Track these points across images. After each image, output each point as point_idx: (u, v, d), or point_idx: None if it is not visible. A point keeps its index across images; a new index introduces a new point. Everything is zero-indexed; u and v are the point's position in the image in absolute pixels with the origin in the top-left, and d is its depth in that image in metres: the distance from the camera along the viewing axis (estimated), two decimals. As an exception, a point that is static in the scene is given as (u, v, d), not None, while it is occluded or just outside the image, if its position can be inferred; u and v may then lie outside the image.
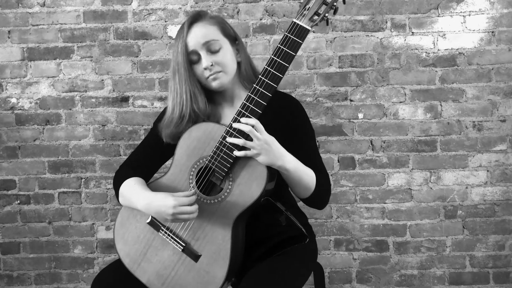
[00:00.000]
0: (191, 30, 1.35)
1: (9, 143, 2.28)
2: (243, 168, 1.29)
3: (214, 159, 1.29)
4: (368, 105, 2.21)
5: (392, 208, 2.24)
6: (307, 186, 1.34)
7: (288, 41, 1.21)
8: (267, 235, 1.43)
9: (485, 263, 2.24)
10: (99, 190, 2.28)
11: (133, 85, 2.24)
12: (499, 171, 2.20)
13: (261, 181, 1.28)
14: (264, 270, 1.33)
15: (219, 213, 1.32)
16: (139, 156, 1.51)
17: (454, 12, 2.16)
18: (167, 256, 1.35)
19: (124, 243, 1.40)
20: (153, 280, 1.36)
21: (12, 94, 2.26)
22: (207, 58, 1.34)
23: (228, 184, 1.31)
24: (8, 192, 2.30)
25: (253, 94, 1.24)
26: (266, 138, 1.23)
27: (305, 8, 1.18)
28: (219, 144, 1.28)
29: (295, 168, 1.29)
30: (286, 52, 1.21)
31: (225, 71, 1.36)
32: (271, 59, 1.22)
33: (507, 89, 2.17)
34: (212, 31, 1.36)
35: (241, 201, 1.29)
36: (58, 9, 2.22)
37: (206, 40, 1.34)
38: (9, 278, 2.33)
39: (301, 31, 1.20)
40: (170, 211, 1.26)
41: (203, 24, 1.36)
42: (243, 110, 1.25)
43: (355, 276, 2.27)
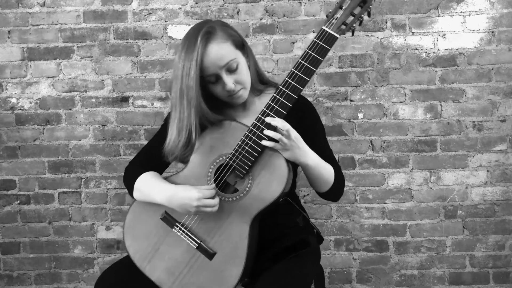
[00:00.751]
0: (207, 52, 1.28)
1: (9, 143, 2.28)
2: (264, 167, 1.30)
3: (236, 157, 1.30)
4: (368, 105, 2.21)
5: (392, 208, 2.24)
6: (327, 180, 1.37)
7: (316, 47, 1.25)
8: (283, 235, 1.44)
9: (485, 263, 2.24)
10: (99, 190, 2.28)
11: (133, 85, 2.24)
12: (499, 171, 2.20)
13: (282, 181, 1.29)
14: (280, 272, 1.32)
15: (237, 211, 1.31)
16: (149, 153, 1.50)
17: (454, 12, 2.16)
18: (180, 254, 1.34)
19: (134, 239, 1.38)
20: (163, 277, 1.34)
21: (12, 94, 2.26)
22: (228, 79, 1.32)
23: (247, 183, 1.31)
24: (8, 192, 2.30)
25: (278, 95, 1.27)
26: (295, 135, 1.26)
27: (333, 17, 1.25)
28: (241, 142, 1.29)
29: (316, 164, 1.33)
30: (314, 57, 1.25)
31: (245, 86, 1.36)
32: (299, 63, 1.26)
33: (507, 89, 2.17)
34: (227, 50, 1.31)
35: (260, 200, 1.30)
36: (58, 9, 2.22)
37: (225, 63, 1.30)
38: (9, 278, 2.33)
39: (330, 38, 1.25)
40: (195, 203, 1.27)
41: (218, 43, 1.29)
42: (268, 110, 1.28)
43: (355, 276, 2.27)
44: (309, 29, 2.18)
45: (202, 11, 2.19)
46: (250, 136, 1.29)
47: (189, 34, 1.33)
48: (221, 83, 1.33)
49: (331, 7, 2.16)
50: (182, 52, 1.30)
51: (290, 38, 2.18)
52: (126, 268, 1.39)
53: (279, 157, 1.30)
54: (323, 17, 2.17)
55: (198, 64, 1.27)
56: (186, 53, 1.29)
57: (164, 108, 2.24)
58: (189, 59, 1.27)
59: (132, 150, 2.26)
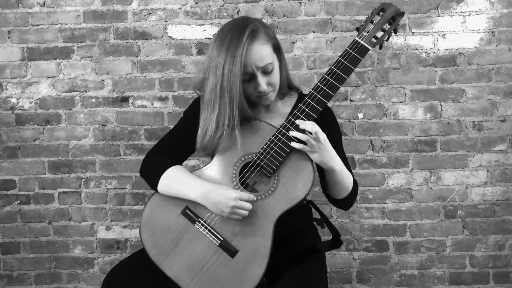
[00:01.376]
0: (250, 51, 1.29)
1: (9, 143, 2.28)
2: (290, 168, 1.32)
3: (264, 156, 1.32)
4: (368, 105, 2.21)
5: (392, 208, 2.24)
6: (346, 187, 1.39)
7: (349, 56, 1.31)
8: (303, 237, 1.46)
9: (485, 263, 2.24)
10: (99, 190, 2.28)
11: (133, 85, 2.24)
12: (499, 171, 2.20)
13: (307, 183, 1.31)
14: (301, 276, 1.33)
15: (262, 210, 1.31)
16: (170, 144, 1.49)
17: (454, 12, 2.16)
18: (201, 250, 1.32)
19: (151, 233, 1.36)
20: (181, 273, 1.32)
21: (12, 94, 2.26)
22: (262, 80, 1.33)
23: (273, 182, 1.32)
24: (8, 192, 2.30)
25: (310, 99, 1.31)
26: (324, 138, 1.29)
27: (365, 30, 1.33)
28: (270, 142, 1.32)
29: (341, 169, 1.35)
30: (346, 65, 1.31)
31: (275, 89, 1.39)
32: (331, 70, 1.31)
33: (507, 89, 2.17)
34: (268, 53, 1.32)
35: (286, 200, 1.31)
36: (58, 9, 2.22)
37: (264, 64, 1.32)
38: (9, 278, 2.33)
39: (362, 49, 1.32)
40: (231, 203, 1.27)
41: (261, 44, 1.31)
42: (298, 112, 1.31)
43: (355, 276, 2.27)
44: (309, 29, 2.18)
45: (202, 11, 2.19)
46: (279, 137, 1.32)
47: (232, 29, 1.32)
48: (254, 83, 1.34)
49: (331, 7, 2.17)
50: (223, 46, 1.29)
51: (290, 38, 2.18)
52: (136, 265, 1.38)
53: (306, 159, 1.32)
54: (323, 17, 2.17)
55: (243, 62, 1.27)
56: (230, 48, 1.28)
57: (164, 108, 2.24)
58: (233, 55, 1.27)
59: (132, 150, 2.26)
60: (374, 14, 1.32)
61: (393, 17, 1.32)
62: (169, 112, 2.24)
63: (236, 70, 1.27)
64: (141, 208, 2.28)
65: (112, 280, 1.36)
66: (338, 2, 2.16)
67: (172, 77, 2.23)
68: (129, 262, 1.41)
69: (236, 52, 1.27)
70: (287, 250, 1.40)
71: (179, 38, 2.21)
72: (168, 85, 2.23)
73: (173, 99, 2.24)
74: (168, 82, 2.23)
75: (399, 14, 1.32)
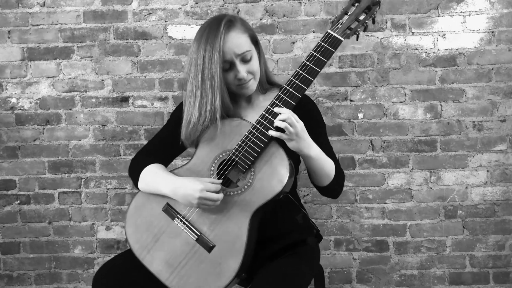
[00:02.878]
0: (227, 38, 1.35)
1: (9, 143, 2.28)
2: (266, 162, 1.33)
3: (239, 152, 1.34)
4: (368, 105, 2.21)
5: (392, 208, 2.24)
6: (328, 174, 1.40)
7: (321, 49, 1.31)
8: (282, 232, 1.46)
9: (485, 263, 2.24)
10: (99, 190, 2.28)
11: (133, 85, 2.24)
12: (499, 171, 2.20)
13: (283, 177, 1.31)
14: (277, 269, 1.33)
15: (238, 205, 1.33)
16: (156, 145, 1.54)
17: (454, 12, 2.16)
18: (180, 245, 1.35)
19: (135, 229, 1.40)
20: (162, 268, 1.35)
21: (12, 94, 2.26)
22: (242, 68, 1.38)
23: (249, 178, 1.33)
24: (8, 192, 2.30)
25: (283, 93, 1.32)
26: (301, 125, 1.30)
27: (338, 22, 1.31)
28: (244, 137, 1.33)
29: (319, 156, 1.36)
30: (319, 58, 1.31)
31: (255, 78, 1.43)
32: (304, 64, 1.32)
33: (507, 89, 2.17)
34: (245, 41, 1.38)
35: (261, 195, 1.32)
36: (58, 9, 2.22)
37: (242, 51, 1.37)
38: (9, 278, 2.33)
39: (334, 40, 1.30)
40: (197, 194, 1.29)
41: (237, 33, 1.38)
42: (272, 107, 1.32)
43: (355, 276, 2.27)
44: (309, 29, 2.18)
45: (202, 11, 2.19)
46: (254, 132, 1.33)
47: (209, 23, 1.39)
48: (234, 71, 1.38)
49: (331, 7, 2.17)
50: (203, 39, 1.36)
51: (290, 38, 2.18)
52: (123, 263, 1.40)
53: (281, 154, 1.33)
54: (323, 17, 2.17)
55: (221, 49, 1.33)
56: (208, 39, 1.35)
57: (164, 108, 2.24)
58: (211, 44, 1.34)
59: (132, 150, 2.26)
60: (349, 5, 1.31)
61: (368, 7, 1.30)
62: (169, 112, 2.24)
63: (216, 57, 1.33)
64: (141, 208, 2.28)
65: (102, 277, 1.38)
66: (338, 2, 2.16)
67: (172, 77, 2.23)
68: (117, 261, 1.42)
69: (214, 41, 1.33)
70: (270, 246, 1.42)
71: (179, 38, 2.21)
72: (168, 85, 2.23)
73: (173, 99, 2.24)
74: (168, 82, 2.23)
75: (375, 3, 1.30)
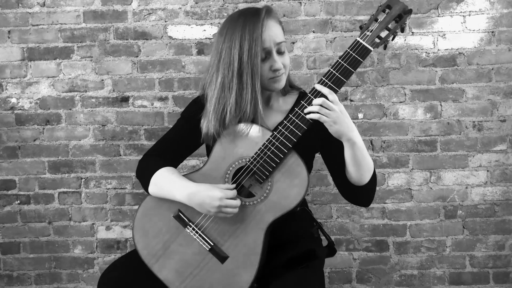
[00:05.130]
0: (268, 25, 1.29)
1: (9, 143, 2.28)
2: (284, 174, 1.28)
3: (257, 161, 1.28)
4: (368, 105, 2.20)
5: (392, 208, 2.24)
6: (369, 166, 1.31)
7: (349, 58, 1.23)
8: (293, 243, 1.41)
9: (485, 263, 2.24)
10: (99, 190, 2.28)
11: (133, 85, 2.24)
12: (499, 171, 2.20)
13: (301, 190, 1.27)
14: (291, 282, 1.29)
15: (253, 216, 1.29)
16: (166, 145, 1.47)
17: (454, 12, 2.16)
18: (191, 254, 1.31)
19: (144, 234, 1.35)
20: (171, 277, 1.31)
21: (12, 94, 2.26)
22: (278, 59, 1.31)
23: (265, 188, 1.29)
24: (8, 192, 2.30)
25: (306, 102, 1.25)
26: (341, 108, 1.21)
27: (368, 29, 1.23)
28: (263, 147, 1.27)
29: (361, 143, 1.26)
30: (346, 67, 1.23)
31: (286, 72, 1.36)
32: (330, 72, 1.24)
33: (507, 89, 2.17)
34: (281, 32, 1.33)
35: (278, 208, 1.27)
36: (58, 9, 2.22)
37: (280, 40, 1.31)
38: (9, 278, 2.33)
39: (364, 50, 1.22)
40: (217, 203, 1.24)
41: (275, 22, 1.32)
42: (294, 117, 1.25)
43: (355, 276, 2.27)
44: (309, 29, 2.18)
45: (202, 11, 2.19)
46: (273, 141, 1.27)
47: (242, 12, 1.32)
48: (270, 61, 1.31)
49: (331, 7, 2.17)
50: (238, 25, 1.28)
51: (290, 38, 2.18)
52: (130, 265, 1.37)
53: (300, 165, 1.28)
54: (323, 17, 2.17)
55: (262, 37, 1.26)
56: (246, 25, 1.27)
57: (164, 108, 2.24)
58: (251, 30, 1.27)
59: (132, 150, 2.26)
60: (379, 11, 1.23)
61: (399, 15, 1.21)
62: (169, 112, 2.24)
63: (257, 46, 1.26)
64: (141, 208, 2.28)
65: (107, 280, 1.35)
66: (338, 2, 2.16)
67: (172, 77, 2.23)
68: (123, 262, 1.40)
69: (255, 27, 1.26)
70: (281, 255, 1.37)
71: (179, 38, 2.21)
72: (168, 85, 2.23)
73: (173, 99, 2.24)
74: (168, 82, 2.23)
75: (407, 11, 1.22)
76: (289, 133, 1.26)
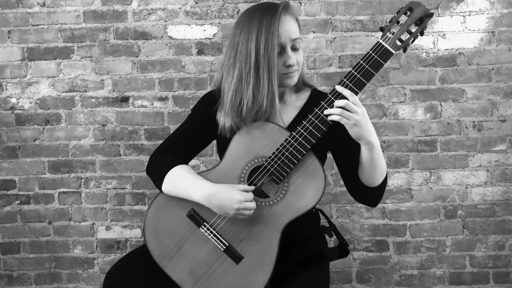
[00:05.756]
0: (285, 21, 1.29)
1: (9, 143, 2.28)
2: (301, 175, 1.27)
3: (274, 162, 1.27)
4: (368, 105, 2.20)
5: (392, 208, 2.24)
6: (383, 168, 1.30)
7: (371, 60, 1.22)
8: (307, 244, 1.41)
9: (485, 263, 2.24)
10: (99, 190, 2.28)
11: (133, 85, 2.24)
12: (499, 171, 2.20)
13: (318, 191, 1.26)
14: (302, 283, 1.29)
15: (269, 217, 1.28)
16: (178, 141, 1.45)
17: (454, 12, 2.16)
18: (205, 254, 1.29)
19: (155, 234, 1.32)
20: (184, 277, 1.29)
21: (12, 94, 2.26)
22: (292, 55, 1.31)
23: (282, 189, 1.28)
24: (8, 192, 2.30)
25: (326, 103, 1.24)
26: (363, 110, 1.21)
27: (390, 31, 1.22)
28: (281, 147, 1.26)
29: (378, 146, 1.26)
30: (368, 69, 1.21)
31: (299, 70, 1.36)
32: (351, 74, 1.22)
33: (507, 89, 2.17)
34: (297, 28, 1.33)
35: (294, 209, 1.27)
36: (58, 9, 2.22)
37: (296, 37, 1.31)
38: (9, 278, 2.33)
39: (386, 52, 1.21)
40: (236, 205, 1.23)
41: (291, 17, 1.31)
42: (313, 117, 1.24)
43: (355, 276, 2.27)
44: (309, 29, 2.18)
45: (202, 11, 2.19)
46: (292, 142, 1.26)
47: (260, 6, 1.32)
48: (284, 57, 1.31)
49: (331, 7, 2.17)
50: (255, 19, 1.28)
51: (290, 38, 2.18)
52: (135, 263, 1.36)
53: (318, 167, 1.27)
54: (323, 17, 2.17)
55: (279, 31, 1.26)
56: (263, 19, 1.27)
57: (164, 108, 2.24)
58: (268, 24, 1.26)
59: (132, 150, 2.26)
60: (401, 13, 1.21)
61: (421, 18, 1.21)
62: (169, 112, 2.24)
63: (274, 40, 1.26)
64: (141, 208, 2.28)
65: (113, 278, 1.35)
66: (338, 2, 2.16)
67: (172, 77, 2.23)
68: (128, 261, 1.39)
69: (271, 22, 1.26)
70: (292, 255, 1.37)
71: (179, 38, 2.21)
72: (168, 85, 2.23)
73: (173, 99, 2.24)
74: (168, 82, 2.23)
75: (428, 15, 1.21)
76: (308, 134, 1.25)
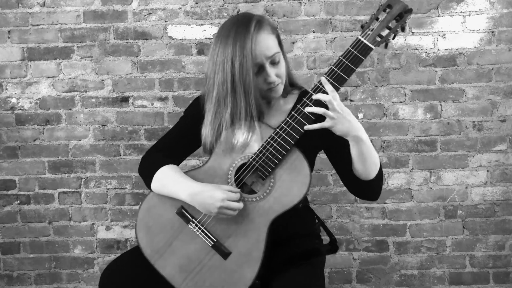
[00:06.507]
0: (258, 40, 1.28)
1: (9, 143, 2.28)
2: (286, 170, 1.29)
3: (259, 158, 1.29)
4: (368, 105, 2.20)
5: (392, 208, 2.24)
6: (375, 161, 1.30)
7: (351, 56, 1.24)
8: (295, 239, 1.42)
9: (485, 263, 2.24)
10: (99, 190, 2.28)
11: (133, 85, 2.24)
12: (499, 171, 2.20)
13: (303, 187, 1.27)
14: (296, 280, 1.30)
15: (256, 213, 1.29)
16: (169, 142, 1.48)
17: (454, 12, 2.16)
18: (194, 250, 1.32)
19: (147, 231, 1.36)
20: (174, 273, 1.32)
21: (12, 94, 2.26)
22: (272, 71, 1.31)
23: (268, 185, 1.30)
24: (8, 192, 2.30)
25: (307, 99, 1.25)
26: (343, 108, 1.21)
27: (369, 28, 1.25)
28: (266, 143, 1.28)
29: (367, 139, 1.27)
30: (348, 65, 1.24)
31: (282, 81, 1.36)
32: (331, 70, 1.24)
33: (507, 89, 2.17)
34: (274, 43, 1.32)
35: (281, 204, 1.28)
36: (58, 9, 2.22)
37: (272, 54, 1.30)
38: (9, 278, 2.33)
39: (365, 48, 1.24)
40: (218, 204, 1.25)
41: (267, 34, 1.30)
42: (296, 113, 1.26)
43: (355, 276, 2.27)
44: (309, 29, 2.18)
45: (202, 11, 2.19)
46: (276, 138, 1.28)
47: (234, 23, 1.31)
48: (263, 75, 1.31)
49: (331, 7, 2.17)
50: (229, 40, 1.28)
51: (290, 38, 2.18)
52: (130, 263, 1.37)
53: (302, 162, 1.28)
54: (323, 17, 2.17)
55: (253, 53, 1.26)
56: (237, 41, 1.27)
57: (164, 108, 2.24)
58: (242, 46, 1.26)
59: (132, 150, 2.26)
60: (380, 10, 1.25)
61: (400, 14, 1.24)
62: (169, 112, 2.24)
63: (248, 62, 1.26)
64: (141, 208, 2.28)
65: (108, 278, 1.36)
66: (338, 2, 2.16)
67: (172, 77, 2.23)
68: (124, 260, 1.40)
69: (245, 43, 1.26)
70: (283, 252, 1.38)
71: (179, 38, 2.21)
72: (168, 85, 2.23)
73: (173, 99, 2.24)
74: (168, 82, 2.23)
75: (407, 11, 1.24)
76: (291, 130, 1.26)
